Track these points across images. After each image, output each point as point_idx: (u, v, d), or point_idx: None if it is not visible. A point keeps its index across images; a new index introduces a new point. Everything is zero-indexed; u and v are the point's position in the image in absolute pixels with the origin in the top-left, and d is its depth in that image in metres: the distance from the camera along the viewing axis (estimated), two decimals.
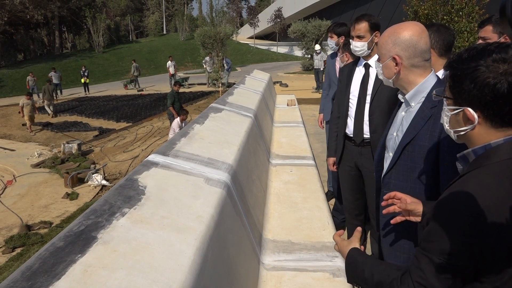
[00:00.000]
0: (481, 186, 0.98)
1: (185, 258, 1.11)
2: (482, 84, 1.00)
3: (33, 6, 36.76)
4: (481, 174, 1.01)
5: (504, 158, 1.00)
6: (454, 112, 1.10)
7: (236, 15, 61.28)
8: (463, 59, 1.06)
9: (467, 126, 1.07)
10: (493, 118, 1.02)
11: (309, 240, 2.06)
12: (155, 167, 1.69)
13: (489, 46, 1.04)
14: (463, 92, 1.05)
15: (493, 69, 0.99)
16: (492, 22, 2.63)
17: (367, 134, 2.67)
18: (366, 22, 2.56)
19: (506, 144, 1.02)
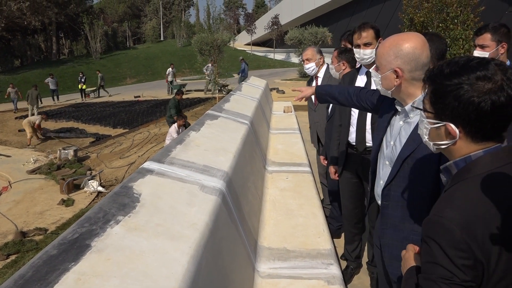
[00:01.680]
0: (465, 200, 1.00)
1: (179, 266, 1.11)
2: (466, 103, 1.01)
3: (30, 12, 36.78)
4: (464, 188, 1.03)
5: (485, 170, 1.02)
6: (435, 126, 1.11)
7: (233, 22, 61.53)
8: (445, 74, 1.06)
9: (448, 141, 1.09)
10: (475, 134, 1.04)
11: (304, 247, 2.06)
12: (150, 175, 1.69)
13: (470, 62, 1.04)
14: (446, 108, 1.06)
15: (477, 88, 1.00)
16: (490, 30, 2.62)
17: (369, 142, 2.67)
18: (372, 29, 2.57)
19: (486, 156, 1.04)
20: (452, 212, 0.99)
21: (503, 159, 1.03)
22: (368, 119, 2.66)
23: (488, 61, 1.03)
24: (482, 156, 1.04)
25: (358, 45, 2.60)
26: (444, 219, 0.99)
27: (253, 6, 75.43)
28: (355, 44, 2.66)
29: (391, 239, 1.68)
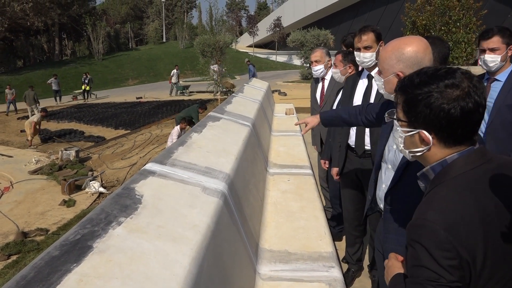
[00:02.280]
0: (445, 202, 1.04)
1: (180, 268, 1.11)
2: (437, 110, 1.06)
3: (33, 13, 36.93)
4: (443, 191, 1.07)
5: (461, 171, 1.07)
6: (409, 134, 1.15)
7: (235, 23, 61.64)
8: (416, 84, 1.11)
9: (422, 147, 1.13)
10: (447, 139, 1.09)
11: (305, 250, 2.05)
12: (152, 176, 1.69)
13: (439, 71, 1.10)
14: (418, 116, 1.10)
15: (446, 95, 1.05)
16: (499, 32, 2.60)
17: (368, 145, 2.68)
18: (372, 33, 2.57)
19: (461, 158, 1.09)
20: (435, 214, 1.02)
21: (476, 160, 1.08)
22: None
23: (455, 70, 1.08)
24: (457, 159, 1.09)
25: (359, 48, 2.61)
26: (427, 221, 1.02)
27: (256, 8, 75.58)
28: (355, 47, 2.66)
29: (394, 243, 1.67)
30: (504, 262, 1.02)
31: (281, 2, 64.73)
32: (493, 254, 1.00)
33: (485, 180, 1.06)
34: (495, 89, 2.63)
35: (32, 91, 19.23)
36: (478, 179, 1.06)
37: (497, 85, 2.63)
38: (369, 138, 2.67)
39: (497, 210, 1.03)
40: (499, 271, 1.01)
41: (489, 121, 2.60)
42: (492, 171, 1.07)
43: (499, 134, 2.54)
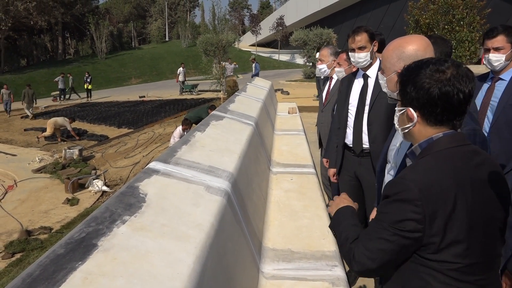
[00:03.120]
0: (426, 168, 1.20)
1: (184, 267, 1.11)
2: (419, 88, 1.22)
3: (37, 12, 37.04)
4: (426, 161, 1.23)
5: (444, 147, 1.22)
6: (401, 112, 1.32)
7: (238, 22, 61.63)
8: (410, 68, 1.29)
9: (409, 124, 1.29)
10: (428, 117, 1.24)
11: (308, 249, 2.05)
12: (156, 175, 1.70)
13: (431, 59, 1.26)
14: (406, 94, 1.28)
15: (429, 76, 1.21)
16: (504, 31, 2.57)
17: (366, 144, 2.68)
18: (365, 33, 2.59)
19: (445, 137, 1.24)
20: (413, 175, 1.18)
21: (458, 140, 1.23)
22: (364, 121, 2.68)
23: (446, 60, 1.24)
24: (441, 137, 1.24)
25: (353, 49, 2.63)
26: (405, 180, 1.18)
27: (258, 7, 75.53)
28: (350, 48, 2.68)
29: None
30: (469, 236, 1.14)
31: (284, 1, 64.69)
32: (459, 223, 1.12)
33: (465, 157, 1.20)
34: (500, 88, 2.62)
35: (31, 89, 19.32)
36: (459, 156, 1.20)
37: (502, 84, 2.62)
38: (367, 137, 2.67)
39: (471, 186, 1.16)
40: (464, 241, 1.13)
41: (493, 120, 2.59)
42: (472, 153, 1.22)
43: (503, 133, 2.53)
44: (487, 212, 1.17)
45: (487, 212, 1.17)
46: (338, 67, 3.49)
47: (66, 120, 14.08)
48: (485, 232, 1.17)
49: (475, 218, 1.14)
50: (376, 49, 2.67)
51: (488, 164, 1.22)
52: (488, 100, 2.67)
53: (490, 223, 1.18)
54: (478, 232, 1.15)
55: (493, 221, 1.19)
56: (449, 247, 1.13)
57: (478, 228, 1.15)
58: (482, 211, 1.16)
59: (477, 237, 1.15)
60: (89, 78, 23.97)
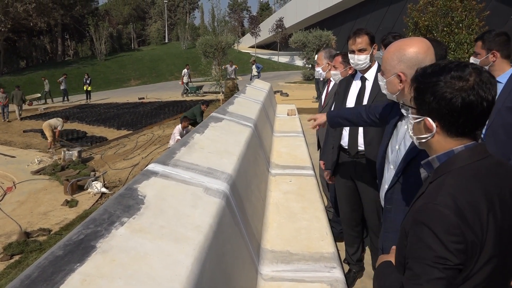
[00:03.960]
0: (457, 188, 1.08)
1: (182, 268, 1.12)
2: (440, 98, 1.13)
3: (36, 13, 37.04)
4: (453, 178, 1.11)
5: (468, 162, 1.12)
6: (417, 121, 1.23)
7: (237, 24, 61.71)
8: (427, 74, 1.18)
9: (427, 134, 1.20)
10: (449, 128, 1.15)
11: (307, 250, 2.06)
12: (155, 177, 1.70)
13: (450, 64, 1.16)
14: (424, 103, 1.18)
15: (450, 85, 1.11)
16: (483, 38, 2.71)
17: (361, 146, 2.69)
18: (366, 36, 2.59)
19: (466, 150, 1.14)
20: (446, 198, 1.06)
21: (480, 153, 1.14)
22: None
23: (466, 65, 1.14)
24: (462, 151, 1.14)
25: (353, 51, 2.63)
26: (439, 206, 1.05)
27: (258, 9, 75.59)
28: (350, 50, 2.68)
29: (393, 242, 1.68)
30: (501, 251, 1.06)
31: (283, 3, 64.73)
32: (494, 241, 1.04)
33: (490, 172, 1.11)
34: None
35: (19, 91, 19.40)
36: (483, 170, 1.11)
37: (498, 87, 2.64)
38: (362, 139, 2.67)
39: (500, 201, 1.07)
40: (498, 258, 1.06)
41: (489, 123, 2.61)
42: (495, 165, 1.14)
43: (499, 136, 2.54)
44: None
45: None
46: (334, 70, 3.49)
47: (59, 120, 13.78)
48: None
49: (504, 235, 1.07)
50: (375, 52, 2.68)
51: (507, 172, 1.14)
52: None
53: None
54: (506, 248, 1.08)
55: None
56: (479, 271, 1.05)
57: (506, 245, 1.08)
58: (511, 226, 1.09)
59: (505, 254, 1.08)
60: (88, 79, 23.95)
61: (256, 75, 20.96)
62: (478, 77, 1.11)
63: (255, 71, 21.45)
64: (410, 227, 1.11)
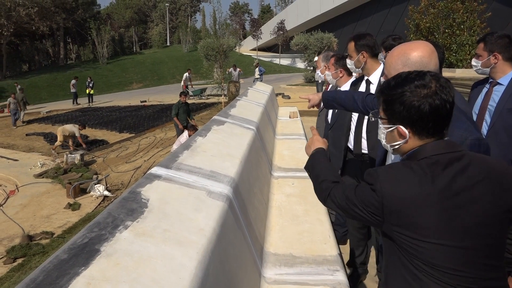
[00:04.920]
0: (399, 175, 1.22)
1: (186, 272, 1.12)
2: (409, 106, 1.23)
3: (39, 17, 37.22)
4: (404, 165, 1.25)
5: (426, 156, 1.23)
6: (389, 130, 1.33)
7: (239, 27, 61.82)
8: (391, 86, 1.29)
9: (400, 141, 1.30)
10: (420, 132, 1.26)
11: (310, 253, 2.06)
12: (158, 180, 1.71)
13: (410, 74, 1.27)
14: (394, 113, 1.28)
15: (416, 93, 1.23)
16: (485, 40, 2.71)
17: (365, 149, 2.69)
18: (352, 41, 2.65)
19: (429, 145, 1.26)
20: (384, 177, 1.23)
21: (442, 148, 1.24)
22: (364, 126, 2.69)
23: (425, 73, 1.26)
24: (425, 145, 1.26)
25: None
26: (378, 179, 1.23)
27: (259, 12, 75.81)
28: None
29: None
30: (455, 240, 1.15)
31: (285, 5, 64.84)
32: (440, 229, 1.15)
33: (446, 165, 1.20)
34: (497, 93, 2.64)
35: (22, 93, 19.47)
36: (439, 164, 1.20)
37: (500, 89, 2.64)
38: (366, 142, 2.68)
39: (457, 195, 1.16)
40: (452, 248, 1.15)
41: (490, 124, 2.61)
42: (457, 161, 1.21)
43: (501, 138, 2.54)
44: (476, 216, 1.16)
45: (477, 216, 1.16)
46: (327, 70, 3.53)
47: (75, 126, 13.33)
48: (474, 237, 1.16)
49: (457, 224, 1.15)
50: (362, 59, 2.66)
51: (476, 166, 1.21)
52: (486, 104, 2.71)
53: (481, 228, 1.16)
54: (462, 237, 1.15)
55: (486, 227, 1.17)
56: (427, 248, 1.16)
57: (462, 234, 1.15)
58: (468, 216, 1.15)
59: (460, 242, 1.15)
60: (91, 83, 23.99)
61: (259, 77, 20.99)
62: (438, 82, 1.23)
63: (257, 74, 21.48)
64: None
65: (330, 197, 1.41)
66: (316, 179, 1.56)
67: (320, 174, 1.55)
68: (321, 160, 1.67)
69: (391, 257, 1.31)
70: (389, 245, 1.30)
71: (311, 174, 1.64)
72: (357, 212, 1.30)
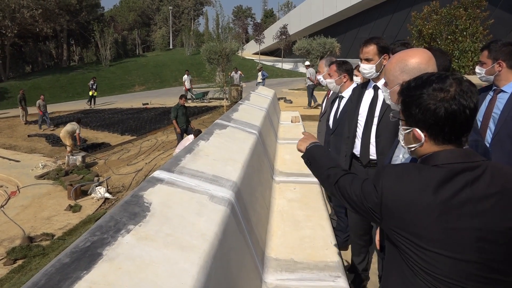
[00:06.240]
0: (405, 177, 1.21)
1: (188, 277, 1.12)
2: (424, 109, 1.21)
3: (42, 19, 37.36)
4: (415, 167, 1.23)
5: (437, 163, 1.21)
6: (406, 132, 1.31)
7: (242, 31, 61.98)
8: (411, 87, 1.27)
9: (416, 144, 1.28)
10: (436, 137, 1.23)
11: (311, 259, 2.05)
12: (160, 184, 1.71)
13: (431, 77, 1.24)
14: (411, 116, 1.26)
15: (433, 96, 1.20)
16: (489, 47, 2.71)
17: (373, 155, 2.67)
18: (375, 45, 2.58)
19: (443, 152, 1.23)
20: (388, 177, 1.23)
21: (456, 157, 1.20)
22: (373, 132, 2.67)
23: (447, 76, 1.22)
24: (440, 152, 1.23)
25: (361, 59, 2.64)
26: (383, 177, 1.23)
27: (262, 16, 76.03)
28: (360, 58, 2.70)
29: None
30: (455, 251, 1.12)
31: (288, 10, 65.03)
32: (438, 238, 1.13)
33: (455, 176, 1.16)
34: (502, 100, 2.64)
35: (24, 94, 19.66)
36: (449, 173, 1.17)
37: (504, 96, 2.64)
38: (374, 148, 2.66)
39: (454, 206, 1.13)
40: (452, 259, 1.12)
41: (495, 132, 2.61)
42: (469, 172, 1.17)
43: (506, 145, 2.54)
44: (478, 230, 1.11)
45: (479, 230, 1.11)
46: (329, 78, 3.50)
47: (74, 124, 13.12)
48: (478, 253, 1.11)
49: (457, 237, 1.12)
50: (385, 62, 2.66)
51: (488, 178, 1.15)
52: (490, 112, 2.70)
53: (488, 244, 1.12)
54: (462, 250, 1.12)
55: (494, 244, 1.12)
56: (425, 255, 1.15)
57: (462, 247, 1.12)
58: (469, 230, 1.11)
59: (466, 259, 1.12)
60: (94, 84, 23.92)
61: (261, 81, 21.02)
62: (459, 87, 1.19)
63: (260, 78, 21.52)
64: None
65: (337, 184, 1.42)
66: (320, 167, 1.56)
67: (326, 162, 1.55)
68: (323, 151, 1.67)
69: (390, 257, 1.30)
70: (388, 245, 1.30)
71: (313, 163, 1.63)
72: (358, 205, 1.31)
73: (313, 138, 1.75)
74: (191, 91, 22.76)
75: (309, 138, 1.75)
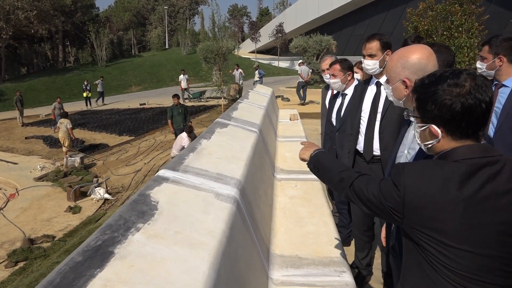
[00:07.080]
0: (426, 172, 1.20)
1: (199, 274, 1.13)
2: (441, 105, 1.22)
3: (37, 21, 37.17)
4: (435, 164, 1.23)
5: (457, 159, 1.21)
6: (422, 129, 1.31)
7: (238, 30, 61.92)
8: (425, 84, 1.28)
9: (433, 140, 1.28)
10: (453, 132, 1.23)
11: (316, 255, 2.07)
12: (166, 182, 1.72)
13: (445, 73, 1.25)
14: (427, 112, 1.26)
15: (448, 92, 1.20)
16: (490, 42, 2.74)
17: (377, 151, 2.69)
18: (378, 41, 2.60)
19: (462, 148, 1.23)
20: (410, 172, 1.22)
21: (475, 153, 1.20)
22: (376, 128, 2.68)
23: (461, 71, 1.23)
24: (459, 147, 1.23)
25: (364, 55, 2.66)
26: (403, 174, 1.23)
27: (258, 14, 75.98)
28: (362, 55, 2.71)
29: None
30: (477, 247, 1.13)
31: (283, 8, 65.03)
32: (461, 234, 1.14)
33: (477, 172, 1.16)
34: (503, 95, 2.67)
35: (21, 96, 19.74)
36: (470, 169, 1.17)
37: (505, 91, 2.67)
38: (378, 144, 2.68)
39: (477, 201, 1.13)
40: (472, 254, 1.13)
41: (497, 126, 2.63)
42: (490, 167, 1.17)
43: (508, 139, 2.56)
44: (501, 224, 1.13)
45: (502, 224, 1.13)
46: (333, 78, 3.50)
47: (63, 121, 12.71)
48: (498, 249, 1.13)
49: (480, 232, 1.13)
50: (388, 58, 2.67)
51: (509, 172, 1.17)
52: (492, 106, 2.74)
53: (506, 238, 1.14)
54: (485, 245, 1.13)
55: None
56: (446, 252, 1.16)
57: (484, 242, 1.13)
58: (492, 224, 1.13)
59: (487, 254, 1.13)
60: (88, 85, 23.84)
61: (258, 80, 21.03)
62: (473, 81, 1.19)
63: (257, 77, 21.54)
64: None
65: (352, 186, 1.40)
66: (330, 172, 1.54)
67: (336, 167, 1.54)
68: (330, 156, 1.65)
69: (409, 256, 1.30)
70: (407, 244, 1.29)
71: (321, 169, 1.61)
72: (376, 205, 1.30)
73: (315, 146, 1.75)
74: (188, 91, 22.72)
75: (311, 146, 1.75)
